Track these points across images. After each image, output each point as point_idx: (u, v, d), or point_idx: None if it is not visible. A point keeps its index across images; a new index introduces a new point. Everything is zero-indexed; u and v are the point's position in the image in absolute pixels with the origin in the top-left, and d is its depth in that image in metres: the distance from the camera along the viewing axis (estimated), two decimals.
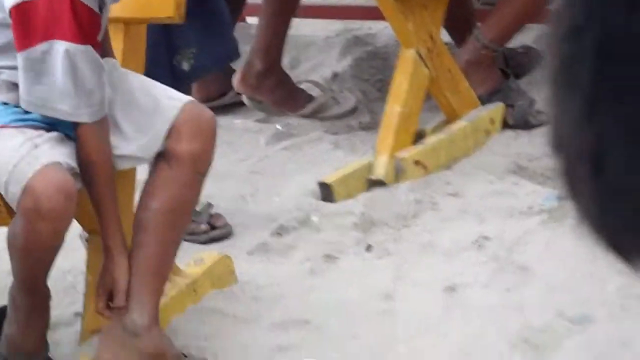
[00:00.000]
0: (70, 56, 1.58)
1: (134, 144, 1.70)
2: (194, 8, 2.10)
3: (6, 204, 1.59)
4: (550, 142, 0.47)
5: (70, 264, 2.01)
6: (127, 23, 1.85)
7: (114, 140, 1.67)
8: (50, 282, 1.70)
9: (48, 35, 1.59)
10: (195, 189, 1.77)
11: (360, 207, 2.27)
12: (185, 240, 1.94)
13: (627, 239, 0.40)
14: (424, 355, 1.82)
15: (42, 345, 1.72)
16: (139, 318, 1.68)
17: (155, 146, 1.68)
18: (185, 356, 1.78)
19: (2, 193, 1.60)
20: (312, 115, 2.77)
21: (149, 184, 1.74)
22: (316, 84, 2.84)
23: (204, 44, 2.35)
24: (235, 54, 2.62)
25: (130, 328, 1.68)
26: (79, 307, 1.89)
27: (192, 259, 2.01)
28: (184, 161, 1.70)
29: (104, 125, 1.63)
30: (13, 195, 1.56)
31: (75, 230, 1.80)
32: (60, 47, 1.59)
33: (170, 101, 1.74)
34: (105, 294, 1.68)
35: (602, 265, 1.91)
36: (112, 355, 1.70)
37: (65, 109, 1.60)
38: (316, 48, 3.22)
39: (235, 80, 2.76)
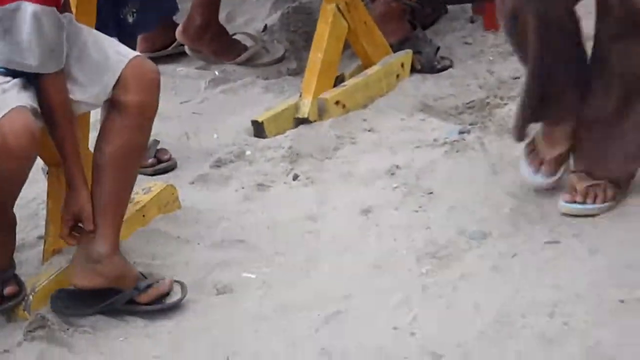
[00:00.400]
0: (37, 17, 1.64)
1: (86, 92, 1.79)
2: None
3: None
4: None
5: (34, 193, 2.15)
6: None
7: (70, 87, 1.75)
8: (16, 209, 1.80)
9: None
10: (144, 133, 1.88)
11: (288, 142, 2.45)
12: None
13: None
14: (343, 269, 1.93)
15: (10, 264, 1.83)
16: (101, 247, 1.79)
17: (105, 95, 1.79)
18: (145, 276, 1.86)
19: None
20: (246, 63, 2.92)
21: (102, 129, 1.84)
22: (250, 35, 3.00)
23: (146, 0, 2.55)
24: (174, 10, 2.79)
25: (95, 257, 1.78)
26: (41, 231, 2.06)
27: (141, 188, 2.12)
28: (132, 110, 1.80)
29: (62, 75, 1.73)
30: None
31: (37, 164, 1.83)
32: (28, 8, 1.63)
33: (118, 56, 1.83)
34: (69, 222, 1.77)
35: (497, 190, 2.13)
36: (79, 280, 1.80)
37: (30, 63, 1.68)
38: (250, 4, 3.35)
39: (178, 32, 2.90)
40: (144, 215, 2.11)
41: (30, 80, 1.71)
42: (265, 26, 3.12)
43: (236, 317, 1.79)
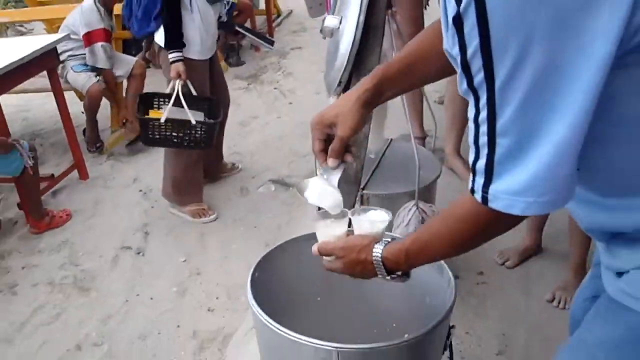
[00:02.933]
0: (103, 47, 3.78)
1: (120, 71, 4.07)
2: None
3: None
4: None
5: (103, 114, 4.66)
6: None
7: (114, 71, 4.09)
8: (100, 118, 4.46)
9: (93, 42, 3.89)
10: (141, 86, 4.36)
11: None
12: None
13: None
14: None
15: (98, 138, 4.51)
16: (131, 122, 4.51)
17: (127, 73, 4.05)
18: None
19: (81, 90, 4.16)
20: None
21: (128, 84, 4.22)
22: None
23: None
24: None
25: (128, 126, 4.48)
26: (107, 124, 4.67)
27: None
28: (136, 78, 4.12)
29: (111, 69, 4.01)
30: (84, 90, 4.08)
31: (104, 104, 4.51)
32: (99, 44, 3.79)
33: (130, 58, 4.18)
34: (122, 118, 4.47)
35: None
36: (125, 135, 4.31)
37: (101, 65, 3.82)
38: None
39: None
40: None
41: (99, 71, 4.11)
42: None
43: None
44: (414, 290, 1.44)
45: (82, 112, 4.04)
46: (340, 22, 1.90)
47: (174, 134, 2.91)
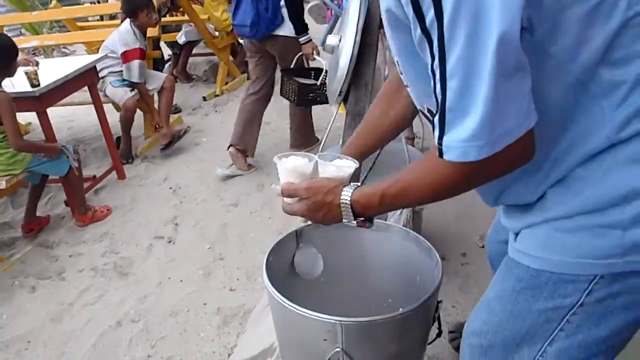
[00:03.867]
0: (139, 64, 3.83)
1: (152, 86, 4.10)
2: None
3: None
4: None
5: (137, 125, 4.77)
6: None
7: (147, 85, 4.19)
8: (133, 130, 4.48)
9: (130, 59, 3.92)
10: (171, 97, 4.20)
11: None
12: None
13: None
14: None
15: (131, 151, 4.53)
16: (165, 128, 4.04)
17: (158, 87, 4.08)
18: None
19: (118, 103, 4.10)
20: None
21: (160, 97, 4.14)
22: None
23: None
24: None
25: (163, 131, 4.05)
26: (141, 131, 4.57)
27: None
28: (167, 91, 4.14)
29: (144, 83, 4.03)
30: (121, 102, 3.98)
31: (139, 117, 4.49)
32: (135, 62, 3.84)
33: (161, 74, 4.22)
34: (154, 124, 4.40)
35: None
36: (161, 139, 4.14)
37: (136, 79, 3.86)
38: None
39: None
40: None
41: (134, 85, 4.19)
42: None
43: None
44: (407, 270, 1.44)
45: (119, 121, 4.04)
46: (340, 41, 1.90)
47: (312, 95, 3.25)
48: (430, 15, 0.76)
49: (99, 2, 8.27)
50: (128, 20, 3.96)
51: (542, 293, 0.94)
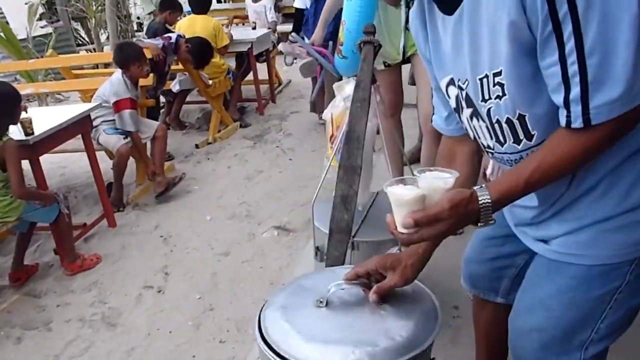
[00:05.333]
0: (131, 114, 3.85)
1: (145, 135, 4.12)
2: None
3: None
4: None
5: (130, 170, 4.60)
6: None
7: (140, 134, 4.20)
8: (126, 176, 4.42)
9: (120, 109, 4.00)
10: (164, 145, 4.26)
11: None
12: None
13: None
14: None
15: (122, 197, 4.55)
16: (159, 176, 4.01)
17: (151, 135, 4.15)
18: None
19: (112, 150, 4.16)
20: None
21: (152, 145, 4.18)
22: None
23: None
24: None
25: (158, 179, 3.99)
26: (133, 179, 4.69)
27: None
28: (159, 139, 4.18)
29: (138, 132, 4.16)
30: (114, 149, 4.01)
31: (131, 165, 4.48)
32: (127, 111, 3.88)
33: (154, 123, 4.26)
34: (149, 171, 4.33)
35: None
36: (155, 188, 4.16)
37: (129, 128, 3.90)
38: None
39: None
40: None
41: (128, 133, 4.16)
42: None
43: None
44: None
45: (111, 169, 4.05)
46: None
47: None
48: (564, 8, 0.88)
49: (94, 51, 8.40)
50: (119, 70, 4.02)
51: (595, 283, 1.15)
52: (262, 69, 6.29)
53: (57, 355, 2.50)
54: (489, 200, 1.01)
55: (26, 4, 7.77)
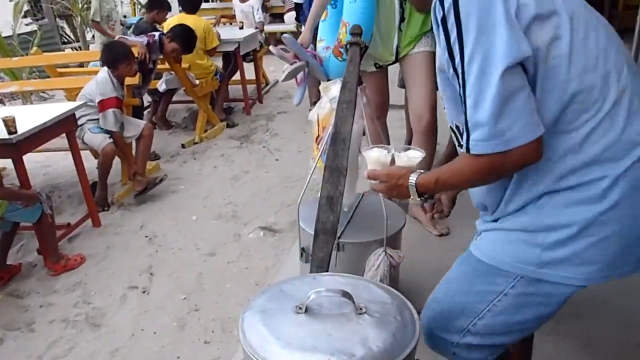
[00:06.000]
0: (114, 112, 3.83)
1: (130, 133, 4.15)
2: None
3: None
4: None
5: (115, 169, 4.52)
6: None
7: (124, 133, 4.18)
8: (111, 176, 4.35)
9: (106, 108, 3.96)
10: (149, 145, 4.22)
11: None
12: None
13: None
14: None
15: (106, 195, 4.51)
16: (141, 175, 4.00)
17: (137, 134, 4.12)
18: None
19: (97, 149, 4.14)
20: None
21: (137, 144, 4.16)
22: None
23: None
24: None
25: (138, 178, 3.97)
26: (118, 178, 4.43)
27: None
28: (145, 138, 4.17)
29: (121, 131, 4.08)
30: (99, 148, 3.96)
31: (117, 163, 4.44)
32: (110, 111, 3.84)
33: (140, 121, 4.25)
34: (132, 170, 4.41)
35: None
36: (135, 187, 4.06)
37: (112, 128, 3.85)
38: None
39: None
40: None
41: (111, 133, 4.12)
42: None
43: None
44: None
45: (96, 168, 4.02)
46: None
47: None
48: (457, 59, 1.12)
49: (80, 49, 8.32)
50: (106, 69, 3.98)
51: (483, 278, 1.32)
52: (249, 69, 6.26)
53: (40, 356, 2.48)
54: (414, 182, 1.31)
55: (11, 0, 7.68)
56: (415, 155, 1.41)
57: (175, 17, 5.53)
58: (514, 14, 1.08)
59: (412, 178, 1.31)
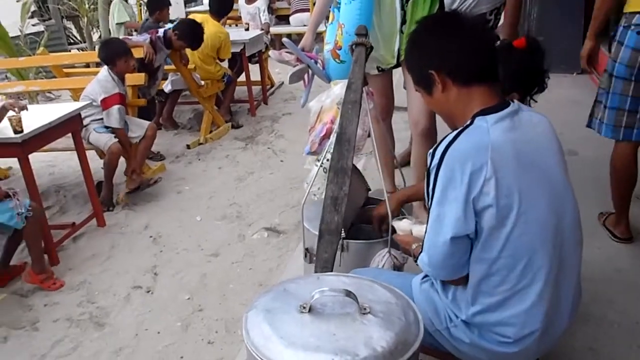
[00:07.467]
0: (118, 109, 3.82)
1: (134, 134, 4.11)
2: None
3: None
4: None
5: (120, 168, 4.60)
6: None
7: (129, 132, 4.10)
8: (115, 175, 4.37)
9: (110, 105, 3.97)
10: (150, 144, 4.19)
11: None
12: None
13: None
14: None
15: (112, 195, 4.51)
16: (136, 174, 4.03)
17: (141, 134, 4.09)
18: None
19: (103, 149, 4.01)
20: None
21: (139, 143, 4.11)
22: None
23: None
24: None
25: (134, 177, 3.95)
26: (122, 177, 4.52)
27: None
28: (148, 138, 4.09)
29: (124, 128, 3.99)
30: (105, 147, 3.91)
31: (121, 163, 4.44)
32: (115, 107, 3.83)
33: (144, 122, 4.16)
34: (130, 169, 4.04)
35: None
36: (129, 185, 4.01)
37: (116, 125, 3.85)
38: None
39: None
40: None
41: (115, 131, 4.07)
42: None
43: None
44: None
45: (102, 168, 4.02)
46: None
47: None
48: (430, 191, 1.43)
49: (86, 50, 8.34)
50: (105, 67, 3.99)
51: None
52: (254, 70, 6.27)
53: (43, 355, 2.48)
54: (412, 249, 1.74)
55: (18, 1, 7.72)
56: (420, 227, 1.79)
57: (199, 16, 5.50)
58: (472, 197, 1.30)
59: (413, 246, 1.73)
